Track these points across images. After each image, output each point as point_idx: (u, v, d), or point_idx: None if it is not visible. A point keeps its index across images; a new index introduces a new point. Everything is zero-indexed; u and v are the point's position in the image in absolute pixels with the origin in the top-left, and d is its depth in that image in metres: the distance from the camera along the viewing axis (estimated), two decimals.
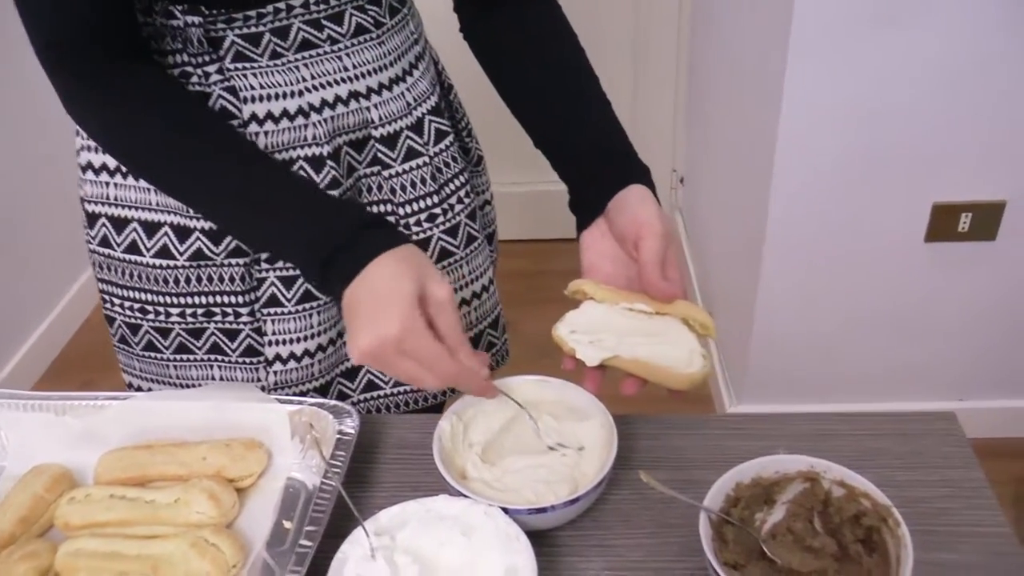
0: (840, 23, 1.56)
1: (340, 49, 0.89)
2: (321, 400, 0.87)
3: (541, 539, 0.75)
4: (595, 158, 0.92)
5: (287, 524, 0.78)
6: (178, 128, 0.83)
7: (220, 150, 0.83)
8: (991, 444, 1.98)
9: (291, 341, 0.96)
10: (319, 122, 0.89)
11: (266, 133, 0.88)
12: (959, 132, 1.67)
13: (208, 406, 0.86)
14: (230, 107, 0.87)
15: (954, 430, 0.87)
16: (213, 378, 1.00)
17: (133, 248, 0.94)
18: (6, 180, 2.44)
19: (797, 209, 1.79)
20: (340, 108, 0.90)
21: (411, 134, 0.97)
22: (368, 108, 0.92)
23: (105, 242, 0.96)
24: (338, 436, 0.83)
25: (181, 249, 0.93)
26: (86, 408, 0.88)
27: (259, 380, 0.98)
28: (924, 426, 0.88)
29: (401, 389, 1.06)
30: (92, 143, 0.94)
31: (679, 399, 0.83)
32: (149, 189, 0.92)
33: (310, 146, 0.90)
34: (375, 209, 0.97)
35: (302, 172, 0.90)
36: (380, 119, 0.94)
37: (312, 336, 0.97)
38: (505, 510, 0.74)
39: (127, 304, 0.98)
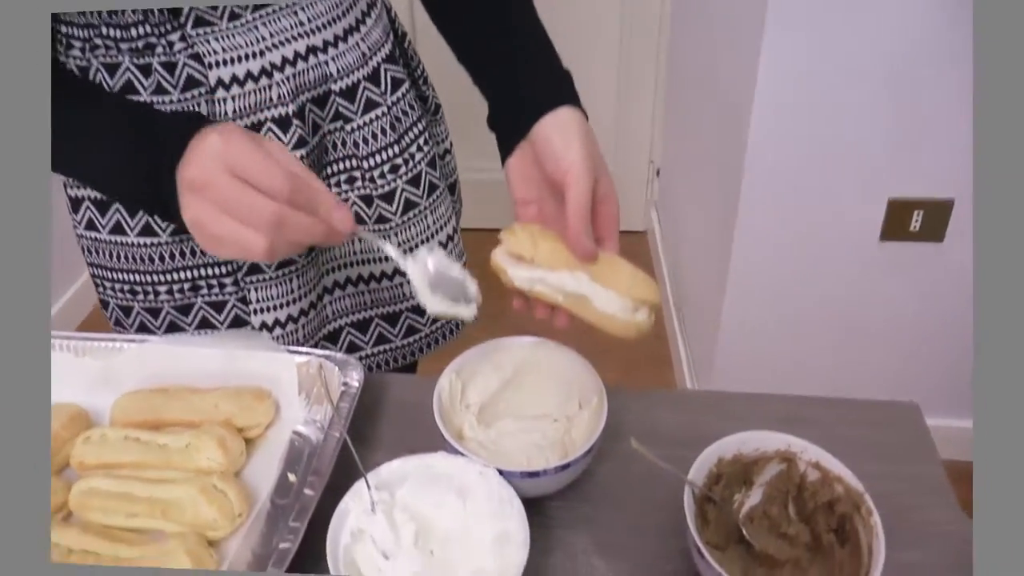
0: (805, 19, 1.59)
1: (294, 4, 0.92)
2: (329, 352, 0.90)
3: (530, 509, 0.76)
4: (518, 71, 0.90)
5: (291, 477, 0.81)
6: None
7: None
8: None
9: (274, 308, 1.00)
10: (282, 81, 0.92)
11: (233, 98, 0.90)
12: (915, 128, 1.70)
13: (221, 354, 0.89)
14: (196, 74, 0.89)
15: (918, 421, 0.91)
16: None
17: (118, 228, 0.97)
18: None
19: (766, 203, 1.82)
20: (300, 64, 0.93)
21: (369, 84, 1.00)
22: (326, 62, 0.95)
23: (91, 225, 0.98)
24: (343, 388, 0.87)
25: (163, 225, 0.95)
26: (104, 350, 0.91)
27: None
28: (889, 414, 0.92)
29: (380, 348, 1.10)
30: None
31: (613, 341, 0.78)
32: None
33: (276, 107, 0.92)
34: (341, 165, 1.00)
35: (271, 134, 0.92)
36: (338, 72, 0.96)
37: (293, 301, 1.00)
38: (500, 472, 0.77)
39: (118, 286, 1.01)
